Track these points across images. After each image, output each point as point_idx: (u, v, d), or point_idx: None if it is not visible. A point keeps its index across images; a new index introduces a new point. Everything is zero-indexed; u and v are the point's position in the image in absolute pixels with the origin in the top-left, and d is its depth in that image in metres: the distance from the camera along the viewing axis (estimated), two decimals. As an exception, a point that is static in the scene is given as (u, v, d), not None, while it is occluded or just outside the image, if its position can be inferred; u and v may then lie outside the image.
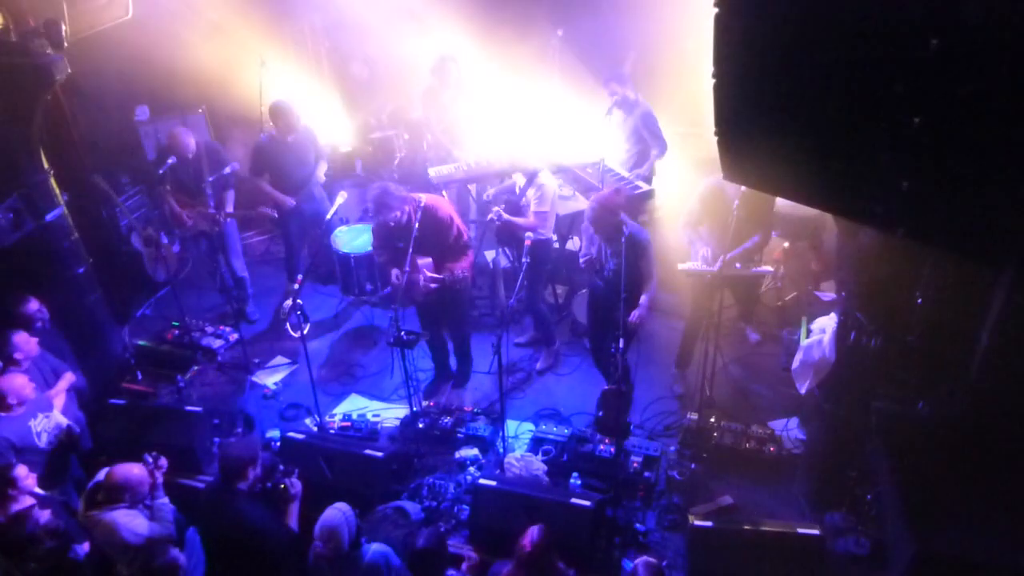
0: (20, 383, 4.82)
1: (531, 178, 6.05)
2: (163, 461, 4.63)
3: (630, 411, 5.89)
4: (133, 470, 4.42)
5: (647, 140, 6.99)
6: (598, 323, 5.79)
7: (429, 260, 5.66)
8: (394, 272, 5.60)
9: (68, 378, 5.50)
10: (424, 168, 7.38)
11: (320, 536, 4.10)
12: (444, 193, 6.80)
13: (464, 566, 4.51)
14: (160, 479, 4.59)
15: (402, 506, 5.10)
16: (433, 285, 5.62)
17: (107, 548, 4.34)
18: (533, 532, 3.92)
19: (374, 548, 4.23)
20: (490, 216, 6.06)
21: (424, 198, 5.65)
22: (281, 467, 4.56)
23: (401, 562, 4.25)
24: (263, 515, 4.29)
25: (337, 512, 4.14)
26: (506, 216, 6.01)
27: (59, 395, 5.33)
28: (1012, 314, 3.61)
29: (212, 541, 4.45)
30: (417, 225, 5.48)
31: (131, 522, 4.31)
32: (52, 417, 5.04)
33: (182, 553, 4.35)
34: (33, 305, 5.50)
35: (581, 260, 5.67)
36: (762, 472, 5.39)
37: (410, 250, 5.37)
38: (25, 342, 5.14)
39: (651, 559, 3.99)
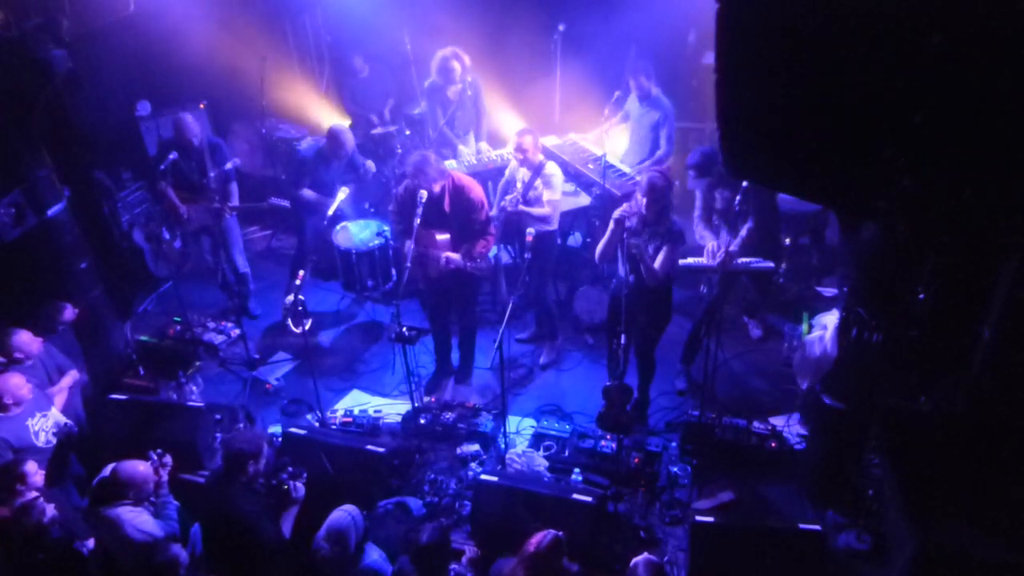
0: (16, 383, 4.79)
1: (537, 170, 6.04)
2: (168, 459, 4.63)
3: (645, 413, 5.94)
4: (138, 467, 4.42)
5: (659, 139, 7.02)
6: (628, 320, 5.23)
7: (447, 236, 5.65)
8: (408, 243, 5.50)
9: (72, 375, 5.49)
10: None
11: (327, 538, 4.08)
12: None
13: (464, 559, 4.52)
14: (165, 477, 4.59)
15: (404, 502, 5.11)
16: (452, 265, 5.61)
17: (111, 544, 4.35)
18: (546, 537, 3.89)
19: (374, 558, 4.23)
20: (503, 204, 6.03)
21: (456, 176, 5.65)
22: (290, 468, 4.54)
23: (394, 568, 4.24)
24: (255, 511, 4.26)
25: (345, 515, 4.14)
26: (523, 207, 5.99)
27: (61, 392, 5.32)
28: (1013, 309, 3.61)
29: (208, 529, 4.46)
30: (448, 202, 5.51)
31: (136, 519, 4.31)
32: (50, 416, 5.02)
33: (184, 549, 4.37)
34: (68, 312, 5.52)
35: (599, 252, 5.38)
36: (764, 468, 5.39)
37: (416, 223, 5.32)
38: (27, 343, 5.10)
39: (652, 557, 3.98)
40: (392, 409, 6.13)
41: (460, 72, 7.22)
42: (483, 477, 4.94)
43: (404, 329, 5.47)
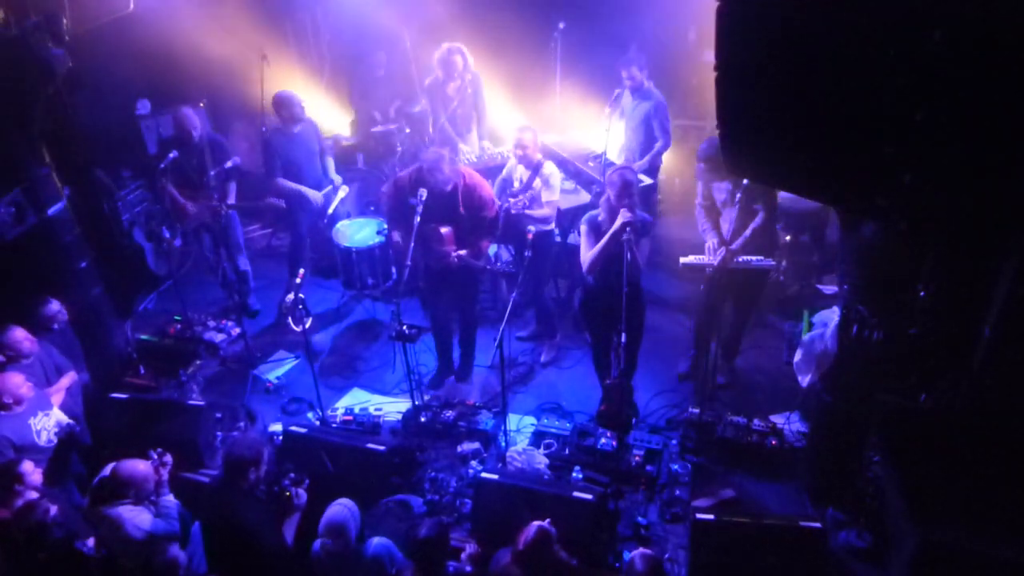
0: (15, 382, 4.78)
1: (536, 169, 6.04)
2: (168, 458, 4.63)
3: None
4: (139, 466, 4.42)
5: (654, 131, 6.99)
6: (610, 319, 5.27)
7: (449, 229, 5.63)
8: (395, 234, 5.66)
9: (71, 376, 5.48)
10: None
11: (327, 533, 4.09)
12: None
13: (463, 556, 4.52)
14: (165, 476, 4.59)
15: (405, 500, 5.12)
16: (462, 263, 5.61)
17: (112, 543, 4.35)
18: (530, 531, 3.92)
19: (376, 542, 4.24)
20: (506, 205, 6.02)
21: (468, 174, 5.66)
22: (292, 475, 4.52)
23: (403, 555, 4.26)
24: (257, 518, 4.23)
25: (342, 508, 4.15)
26: (528, 211, 5.97)
27: (58, 393, 5.31)
28: (1014, 307, 3.61)
29: (210, 535, 4.46)
30: (461, 201, 5.54)
31: (136, 518, 4.32)
32: (52, 415, 5.02)
33: (185, 550, 4.36)
34: (53, 307, 5.49)
35: (591, 261, 5.22)
36: (764, 465, 5.40)
37: (416, 221, 5.32)
38: (19, 341, 5.06)
39: (647, 551, 4.00)
40: (392, 407, 6.13)
41: (462, 67, 7.21)
42: (483, 475, 4.94)
43: (404, 327, 5.47)
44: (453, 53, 7.15)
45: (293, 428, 5.46)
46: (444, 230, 5.58)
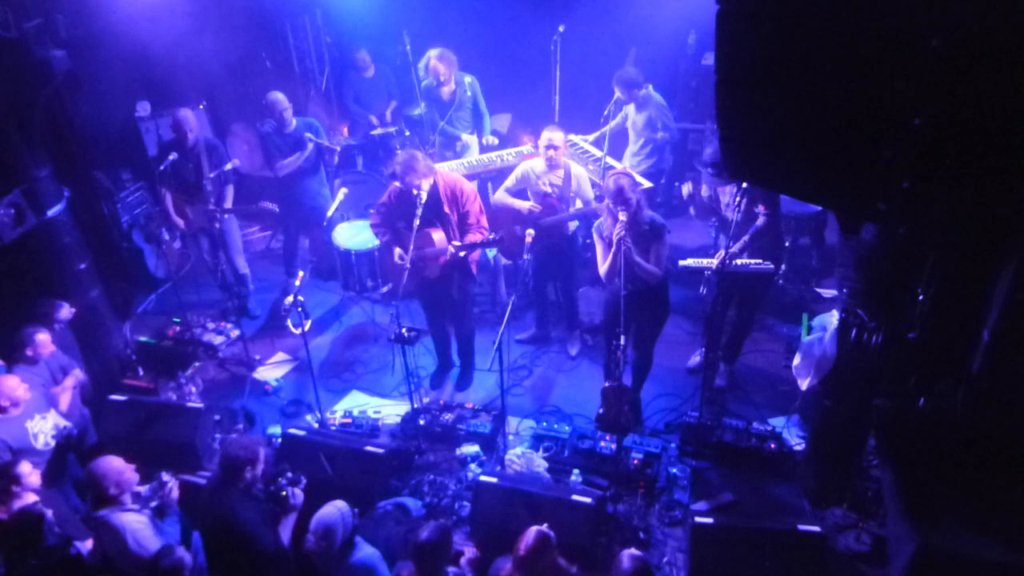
0: (12, 385, 4.77)
1: (567, 173, 6.05)
2: (175, 483, 4.57)
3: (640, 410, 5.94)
4: (112, 462, 4.30)
5: (659, 130, 7.18)
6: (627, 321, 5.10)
7: (442, 234, 5.62)
8: (397, 252, 5.58)
9: (76, 375, 5.49)
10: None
11: (314, 531, 4.08)
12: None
13: (463, 560, 4.51)
14: (175, 496, 4.51)
15: (403, 503, 5.10)
16: (453, 255, 5.55)
17: (111, 551, 4.31)
18: (529, 536, 3.89)
19: (366, 553, 4.20)
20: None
21: (444, 174, 5.65)
22: (289, 474, 4.51)
23: (388, 570, 4.23)
24: (253, 518, 4.21)
25: (334, 510, 4.12)
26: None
27: (65, 392, 5.31)
28: (1013, 311, 3.61)
29: (206, 535, 4.44)
30: (446, 201, 5.53)
31: (140, 532, 4.24)
32: (49, 418, 5.01)
33: (188, 553, 4.33)
34: (65, 311, 5.52)
35: (605, 271, 5.28)
36: (763, 469, 5.39)
37: (416, 225, 5.31)
38: (44, 343, 5.15)
39: (636, 552, 3.98)
40: (391, 410, 6.13)
41: (446, 73, 7.23)
42: (482, 478, 4.94)
43: (403, 330, 5.47)
44: (433, 60, 7.19)
45: (292, 430, 5.45)
46: (436, 235, 5.57)
